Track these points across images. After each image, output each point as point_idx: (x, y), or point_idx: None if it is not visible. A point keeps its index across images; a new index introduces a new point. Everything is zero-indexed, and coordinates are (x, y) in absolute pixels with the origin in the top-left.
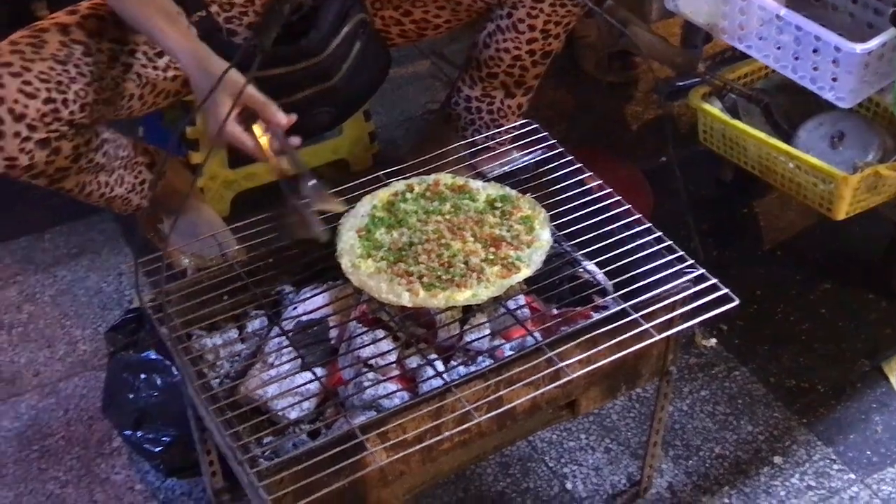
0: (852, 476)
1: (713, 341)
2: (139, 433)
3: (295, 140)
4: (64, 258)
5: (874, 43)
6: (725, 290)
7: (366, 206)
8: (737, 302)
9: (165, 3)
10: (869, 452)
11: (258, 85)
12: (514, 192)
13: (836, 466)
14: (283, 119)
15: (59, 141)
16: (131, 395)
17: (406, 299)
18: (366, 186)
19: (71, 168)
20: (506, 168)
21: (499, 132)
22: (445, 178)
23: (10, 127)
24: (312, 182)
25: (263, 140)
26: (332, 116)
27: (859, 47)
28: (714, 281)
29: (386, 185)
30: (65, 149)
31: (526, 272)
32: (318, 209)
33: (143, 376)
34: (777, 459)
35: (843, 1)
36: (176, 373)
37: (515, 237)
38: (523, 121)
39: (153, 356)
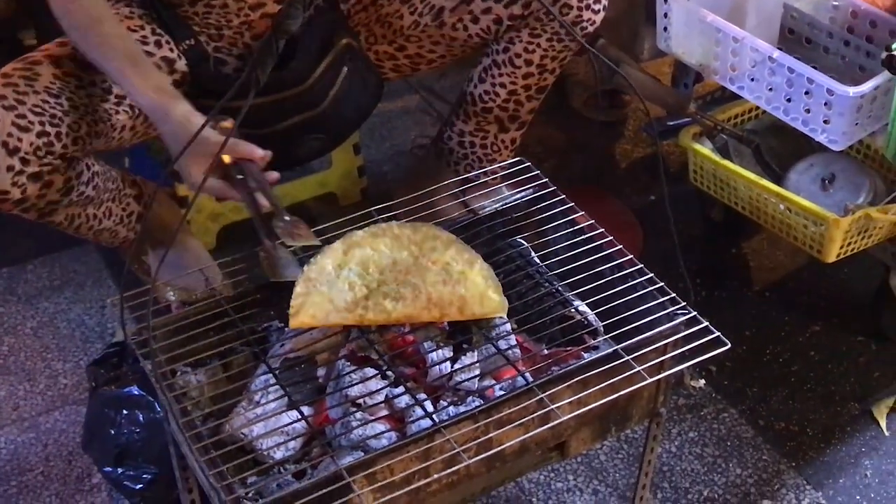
0: None
1: (702, 382)
2: (120, 470)
3: (273, 175)
4: (46, 290)
5: (867, 86)
6: (717, 334)
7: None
8: (728, 346)
9: (131, 46)
10: (858, 497)
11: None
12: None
13: None
14: (259, 153)
15: (51, 175)
16: (112, 431)
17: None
18: (356, 222)
19: (62, 201)
20: (497, 206)
21: (491, 169)
22: None
23: (4, 160)
24: (287, 219)
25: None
26: (323, 143)
27: (852, 90)
28: (706, 324)
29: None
30: (57, 182)
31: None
32: (292, 246)
33: (125, 412)
34: (766, 503)
35: (836, 44)
36: (159, 409)
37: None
38: (515, 159)
39: (136, 392)
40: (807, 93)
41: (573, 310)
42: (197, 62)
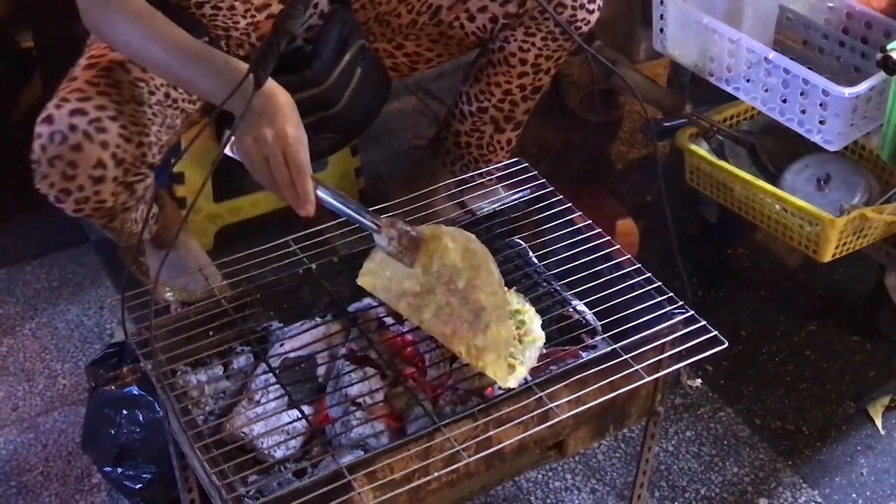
0: None
1: (698, 381)
2: (119, 470)
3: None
4: (44, 291)
5: (862, 87)
6: (714, 333)
7: None
8: (725, 345)
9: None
10: (854, 495)
11: None
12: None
13: None
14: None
15: (138, 184)
16: (112, 431)
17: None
18: (353, 223)
19: (132, 206)
20: (495, 206)
21: (488, 169)
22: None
23: (112, 172)
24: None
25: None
26: (334, 142)
27: (847, 91)
28: (703, 323)
29: None
30: (138, 190)
31: (521, 370)
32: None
33: (124, 412)
34: (763, 502)
35: (831, 44)
36: (158, 409)
37: None
38: (512, 159)
39: (136, 392)
40: (802, 94)
41: (571, 309)
42: None
